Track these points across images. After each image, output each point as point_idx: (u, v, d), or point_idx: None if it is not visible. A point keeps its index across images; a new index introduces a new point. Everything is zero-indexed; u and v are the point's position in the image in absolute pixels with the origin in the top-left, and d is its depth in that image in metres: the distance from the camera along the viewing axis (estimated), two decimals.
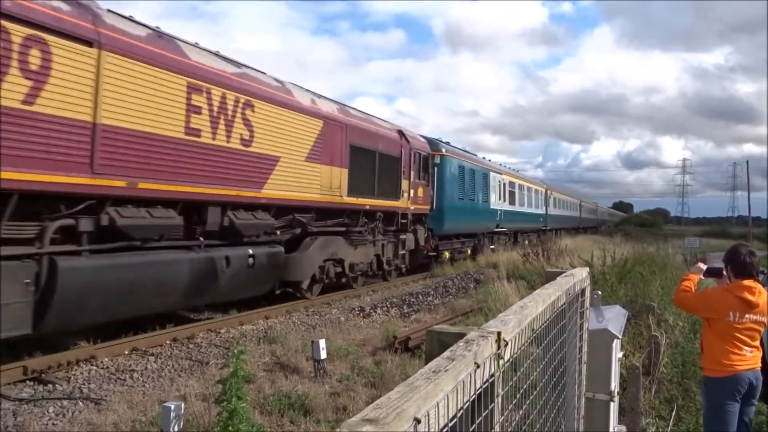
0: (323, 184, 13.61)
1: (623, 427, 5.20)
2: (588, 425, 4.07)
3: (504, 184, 30.68)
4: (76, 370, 7.86)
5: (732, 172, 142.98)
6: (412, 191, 18.70)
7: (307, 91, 13.85)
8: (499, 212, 29.25)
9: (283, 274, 12.72)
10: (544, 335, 2.52)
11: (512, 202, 32.51)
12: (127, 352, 8.79)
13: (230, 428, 4.61)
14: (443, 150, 22.00)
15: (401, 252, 18.61)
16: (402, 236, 18.44)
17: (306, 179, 12.95)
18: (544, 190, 42.23)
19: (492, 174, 28.68)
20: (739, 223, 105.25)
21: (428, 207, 20.36)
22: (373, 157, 16.10)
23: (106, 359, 8.36)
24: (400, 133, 18.45)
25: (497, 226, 29.15)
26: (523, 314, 2.10)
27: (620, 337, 4.61)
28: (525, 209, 35.82)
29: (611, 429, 4.38)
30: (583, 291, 3.77)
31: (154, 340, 9.39)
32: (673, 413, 6.29)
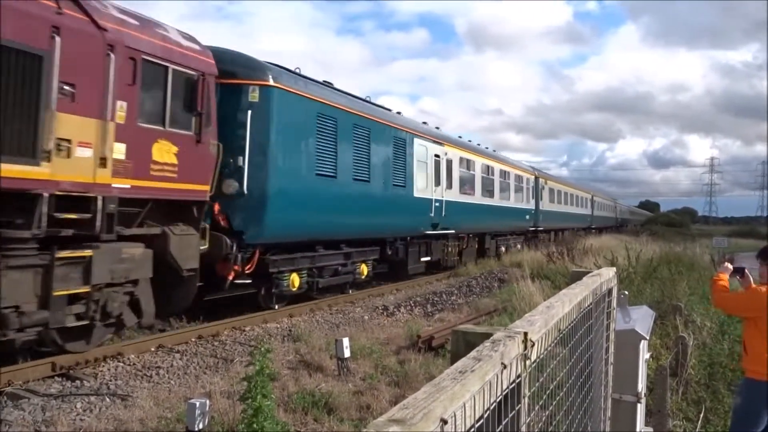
0: None
1: (650, 429, 5.13)
2: (614, 426, 4.02)
3: (448, 162, 19.75)
4: (103, 366, 7.98)
5: (761, 171, 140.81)
6: (123, 147, 8.23)
7: None
8: (436, 204, 18.40)
9: None
10: (570, 336, 2.49)
11: (467, 190, 21.71)
12: (153, 349, 8.90)
13: (255, 426, 4.64)
14: (270, 78, 11.26)
15: (71, 291, 7.52)
16: (79, 252, 7.60)
17: None
18: (532, 178, 31.60)
19: (418, 141, 17.49)
20: None
21: (204, 187, 9.70)
22: None
23: (133, 356, 8.48)
24: None
25: (436, 227, 18.49)
26: (550, 314, 2.08)
27: (647, 337, 4.55)
28: (495, 202, 24.86)
29: (638, 430, 4.33)
30: (609, 291, 3.73)
31: (179, 338, 9.49)
32: (701, 415, 6.20)
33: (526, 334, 1.69)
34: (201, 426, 5.04)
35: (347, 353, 7.81)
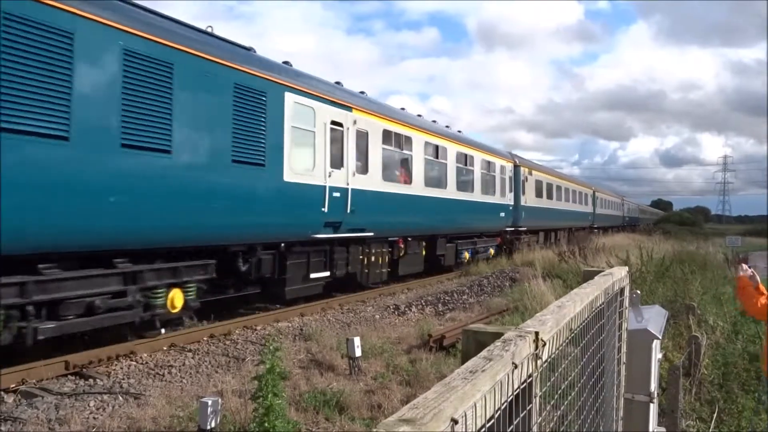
0: None
1: (663, 429, 5.10)
2: (627, 426, 4.00)
3: (360, 135, 13.87)
4: (116, 365, 8.03)
5: None
6: None
7: None
8: (335, 195, 12.63)
9: None
10: (582, 335, 2.48)
11: (398, 176, 15.94)
12: (165, 348, 8.95)
13: (266, 424, 4.65)
14: None
15: None
16: None
17: None
18: (510, 166, 25.37)
19: (294, 97, 11.47)
20: None
21: None
22: None
23: (145, 355, 8.52)
24: None
25: (337, 228, 12.80)
26: (561, 314, 2.07)
27: (660, 337, 4.52)
28: (449, 194, 18.87)
29: (650, 430, 4.31)
30: (622, 290, 3.71)
31: (191, 336, 9.53)
32: (714, 415, 6.15)
33: (537, 333, 1.68)
34: (213, 425, 5.06)
35: (358, 352, 7.82)
